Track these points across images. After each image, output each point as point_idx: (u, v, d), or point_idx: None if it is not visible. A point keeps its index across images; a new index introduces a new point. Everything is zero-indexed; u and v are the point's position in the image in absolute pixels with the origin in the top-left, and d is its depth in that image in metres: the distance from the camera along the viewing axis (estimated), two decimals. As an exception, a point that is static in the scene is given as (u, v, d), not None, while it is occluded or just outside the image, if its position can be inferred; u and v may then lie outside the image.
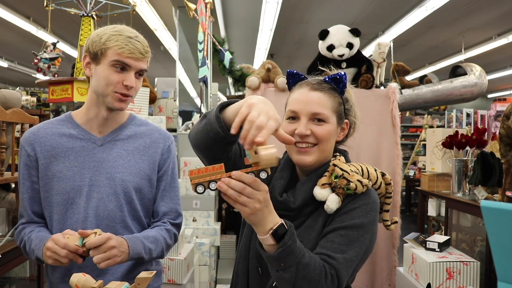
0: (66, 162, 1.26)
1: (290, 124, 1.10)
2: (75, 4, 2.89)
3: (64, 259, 1.10)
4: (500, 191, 2.48)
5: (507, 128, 2.30)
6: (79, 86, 2.53)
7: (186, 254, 2.58)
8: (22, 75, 11.65)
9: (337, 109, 1.12)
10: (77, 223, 1.24)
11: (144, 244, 1.23)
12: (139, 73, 1.26)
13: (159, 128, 1.43)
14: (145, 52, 1.24)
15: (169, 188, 1.38)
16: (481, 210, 0.69)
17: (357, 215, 1.04)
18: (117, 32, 1.22)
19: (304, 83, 1.13)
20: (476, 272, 2.22)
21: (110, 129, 1.32)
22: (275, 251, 0.92)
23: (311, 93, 1.09)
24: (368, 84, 2.70)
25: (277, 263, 0.93)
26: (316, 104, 1.08)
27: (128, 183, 1.28)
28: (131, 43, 1.21)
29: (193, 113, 7.65)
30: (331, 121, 1.10)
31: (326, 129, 1.09)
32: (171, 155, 1.40)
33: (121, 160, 1.30)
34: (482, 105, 12.83)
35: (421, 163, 6.67)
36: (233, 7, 6.60)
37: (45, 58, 2.94)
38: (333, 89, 1.12)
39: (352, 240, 1.01)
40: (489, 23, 7.15)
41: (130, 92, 1.24)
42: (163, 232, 1.33)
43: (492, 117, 4.23)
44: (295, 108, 1.09)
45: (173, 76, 3.89)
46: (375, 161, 2.65)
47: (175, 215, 1.39)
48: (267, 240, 0.92)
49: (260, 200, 0.87)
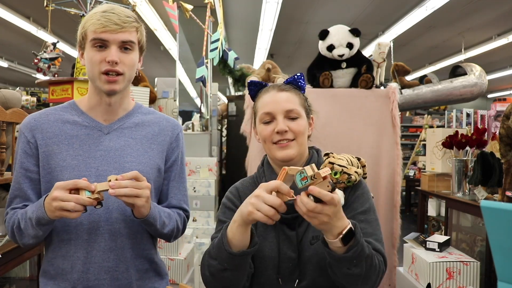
0: (70, 151, 1.18)
1: (267, 126, 1.17)
2: (75, 4, 2.88)
3: (75, 213, 1.02)
4: (500, 191, 2.48)
5: (507, 128, 2.30)
6: (79, 86, 2.53)
7: (186, 254, 2.58)
8: (22, 75, 11.65)
9: (304, 104, 1.21)
10: (83, 216, 1.12)
11: (160, 214, 1.19)
12: (125, 47, 1.15)
13: (167, 116, 1.35)
14: (122, 22, 1.13)
15: (179, 179, 1.33)
16: (481, 210, 0.69)
17: (364, 200, 1.17)
18: (93, 12, 1.16)
19: (269, 87, 1.21)
20: (476, 272, 2.22)
21: (116, 117, 1.24)
22: (349, 250, 0.96)
23: (280, 93, 1.17)
24: (368, 84, 2.70)
25: (350, 262, 0.97)
26: (287, 102, 1.16)
27: None
28: (104, 16, 1.12)
29: (193, 113, 7.65)
30: (303, 117, 1.18)
31: (301, 124, 1.17)
32: (180, 144, 1.33)
33: (130, 149, 1.22)
34: (482, 105, 12.83)
35: (421, 163, 6.67)
36: (233, 7, 6.60)
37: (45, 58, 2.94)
38: (296, 88, 1.21)
39: (371, 221, 1.13)
40: (489, 23, 7.15)
41: (117, 68, 1.14)
42: (175, 214, 1.28)
43: (492, 117, 4.23)
44: (269, 109, 1.16)
45: (173, 76, 3.88)
46: (375, 161, 2.65)
47: (184, 209, 1.34)
48: (336, 243, 0.96)
49: (329, 214, 0.91)
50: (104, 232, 1.17)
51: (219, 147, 4.92)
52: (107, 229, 1.17)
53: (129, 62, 1.17)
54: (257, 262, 1.16)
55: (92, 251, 1.17)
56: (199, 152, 3.66)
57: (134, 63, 1.19)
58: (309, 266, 1.12)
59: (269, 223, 0.94)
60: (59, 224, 1.18)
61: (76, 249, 1.17)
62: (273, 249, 1.15)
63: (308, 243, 1.13)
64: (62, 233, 1.18)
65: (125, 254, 1.20)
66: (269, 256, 1.14)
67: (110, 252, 1.18)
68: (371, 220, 1.14)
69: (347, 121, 2.63)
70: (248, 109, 2.78)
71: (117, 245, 1.18)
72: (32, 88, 6.95)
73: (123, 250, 1.19)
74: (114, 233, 1.18)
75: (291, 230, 1.15)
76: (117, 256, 1.19)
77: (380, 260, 1.06)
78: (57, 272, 1.19)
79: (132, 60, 1.18)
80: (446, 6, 6.03)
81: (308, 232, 1.14)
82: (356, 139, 2.63)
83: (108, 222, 1.17)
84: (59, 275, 1.18)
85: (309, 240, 1.14)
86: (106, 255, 1.17)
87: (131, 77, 1.22)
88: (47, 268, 1.21)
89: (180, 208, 1.32)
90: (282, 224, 1.15)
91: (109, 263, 1.17)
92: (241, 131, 2.79)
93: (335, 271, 1.01)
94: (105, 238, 1.17)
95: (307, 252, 1.13)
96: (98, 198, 1.04)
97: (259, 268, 1.15)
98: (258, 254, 1.15)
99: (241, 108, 3.08)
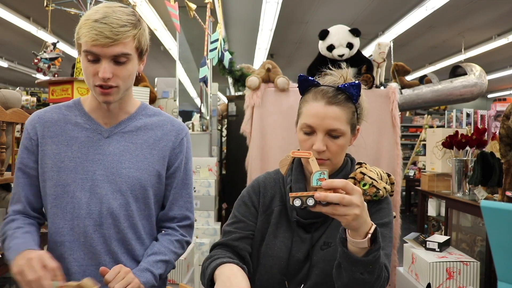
0: (69, 152, 1.16)
1: (307, 138, 1.11)
2: (75, 4, 2.88)
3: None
4: (500, 191, 2.48)
5: (507, 128, 2.29)
6: (79, 86, 2.53)
7: (186, 254, 2.58)
8: (22, 75, 11.64)
9: (351, 120, 1.13)
10: (78, 219, 1.15)
11: (154, 274, 1.16)
12: (118, 60, 1.08)
13: (173, 119, 1.31)
14: (114, 34, 1.04)
15: (182, 185, 1.28)
16: (481, 210, 0.69)
17: (385, 215, 1.14)
18: (86, 17, 1.07)
19: (319, 93, 1.11)
20: (476, 272, 2.22)
21: (116, 121, 1.22)
22: (369, 254, 0.92)
23: (327, 107, 1.08)
24: (368, 84, 2.70)
25: (366, 266, 0.93)
26: (332, 119, 1.08)
27: (135, 179, 1.18)
28: (94, 28, 1.03)
29: (193, 113, 7.65)
30: (346, 134, 1.11)
31: (340, 144, 1.10)
32: (184, 150, 1.28)
33: (128, 154, 1.19)
34: (482, 105, 12.83)
35: (421, 163, 6.66)
36: (233, 7, 6.60)
37: (45, 58, 2.94)
38: (348, 98, 1.12)
39: (385, 236, 1.09)
40: (489, 23, 7.15)
41: (110, 83, 1.09)
42: (172, 245, 1.24)
43: (492, 117, 4.22)
44: (311, 123, 1.09)
45: (173, 76, 3.89)
46: (375, 161, 2.65)
47: (187, 217, 1.30)
48: (363, 243, 0.91)
49: (358, 204, 0.86)
50: (97, 237, 1.17)
51: (219, 147, 4.92)
52: (100, 233, 1.17)
53: (123, 74, 1.11)
54: (264, 259, 1.15)
55: (88, 254, 1.17)
56: (199, 152, 3.66)
57: (130, 73, 1.13)
58: (315, 270, 1.11)
59: None
60: (53, 227, 1.18)
61: (72, 251, 1.17)
62: (283, 249, 1.14)
63: (318, 248, 1.12)
64: (56, 235, 1.18)
65: (119, 258, 1.20)
66: (278, 255, 1.13)
67: (106, 256, 1.18)
68: (385, 235, 1.10)
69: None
70: (248, 109, 2.78)
71: (110, 249, 1.18)
72: (32, 88, 6.94)
73: (117, 254, 1.20)
74: (107, 238, 1.18)
75: (307, 233, 1.14)
76: (112, 259, 1.19)
77: (385, 276, 1.04)
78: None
79: (128, 71, 1.12)
80: (446, 6, 6.03)
81: (322, 238, 1.13)
82: (356, 139, 2.62)
83: (101, 227, 1.17)
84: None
85: (320, 245, 1.13)
86: (102, 258, 1.17)
87: (129, 86, 1.18)
88: None
89: (183, 218, 1.30)
90: (298, 227, 1.15)
91: (106, 265, 1.18)
92: (241, 131, 2.79)
93: (346, 274, 0.97)
94: (100, 242, 1.17)
95: (316, 256, 1.12)
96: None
97: (265, 266, 1.15)
98: (268, 251, 1.15)
99: (241, 108, 3.08)
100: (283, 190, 1.20)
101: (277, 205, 1.19)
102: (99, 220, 1.17)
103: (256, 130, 2.71)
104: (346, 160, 1.21)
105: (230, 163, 4.70)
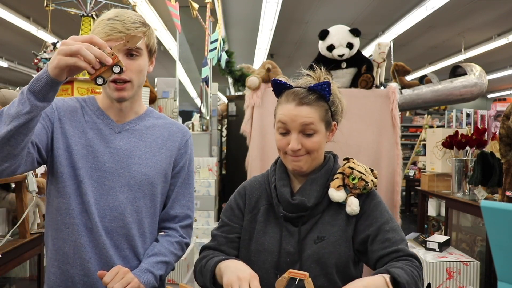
0: (82, 139, 1.19)
1: (282, 138, 1.17)
2: (75, 4, 2.89)
3: (83, 63, 0.99)
4: (500, 191, 2.48)
5: (507, 128, 2.30)
6: (79, 86, 2.53)
7: (186, 254, 2.58)
8: (22, 75, 11.64)
9: (325, 117, 1.17)
10: (87, 205, 1.16)
11: (155, 274, 1.19)
12: (130, 53, 1.15)
13: (176, 122, 1.36)
14: (126, 29, 1.13)
15: (185, 185, 1.33)
16: (481, 210, 0.69)
17: (383, 209, 1.19)
18: (100, 19, 1.16)
19: (291, 95, 1.16)
20: (476, 272, 2.22)
21: (127, 119, 1.26)
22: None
23: (299, 108, 1.14)
24: (368, 84, 2.70)
25: None
26: (304, 118, 1.13)
27: (143, 175, 1.22)
28: (108, 24, 1.13)
29: (193, 113, 7.65)
30: (320, 131, 1.16)
31: (315, 141, 1.15)
32: (188, 151, 1.34)
33: (138, 151, 1.23)
34: (482, 105, 12.83)
35: (421, 163, 6.67)
36: (233, 7, 6.60)
37: (45, 58, 2.94)
38: (320, 97, 1.16)
39: (396, 228, 1.16)
40: (489, 23, 7.16)
41: (123, 76, 1.15)
42: (173, 247, 1.27)
43: (492, 117, 4.22)
44: (285, 122, 1.15)
45: (173, 76, 3.89)
46: (375, 161, 2.65)
47: (188, 216, 1.34)
48: None
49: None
50: (102, 228, 1.17)
51: (219, 147, 4.92)
52: (104, 226, 1.18)
53: (136, 68, 1.17)
54: (256, 256, 1.18)
55: (93, 242, 1.17)
56: (199, 152, 3.66)
57: (141, 68, 1.19)
58: (310, 264, 1.13)
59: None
60: (63, 206, 1.17)
61: (80, 236, 1.17)
62: (273, 243, 1.17)
63: (311, 242, 1.15)
64: (66, 216, 1.18)
65: (124, 252, 1.21)
66: (269, 249, 1.16)
67: (110, 248, 1.19)
68: (395, 227, 1.16)
69: (347, 121, 2.63)
70: (248, 109, 2.78)
71: (114, 243, 1.19)
72: (32, 88, 6.94)
73: (122, 249, 1.21)
74: (111, 231, 1.19)
75: (294, 227, 1.18)
76: (117, 252, 1.20)
77: (417, 265, 1.08)
78: (60, 256, 1.19)
79: (140, 66, 1.18)
80: (446, 6, 6.04)
81: (313, 231, 1.16)
82: (356, 139, 2.63)
83: (105, 220, 1.18)
84: (62, 260, 1.19)
85: (313, 239, 1.15)
86: (106, 251, 1.18)
87: (141, 83, 1.23)
88: (50, 255, 1.22)
89: (184, 217, 1.32)
90: (286, 222, 1.18)
91: (108, 259, 1.18)
92: (241, 131, 2.79)
93: None
94: (102, 234, 1.17)
95: (309, 250, 1.14)
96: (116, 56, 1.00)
97: (257, 262, 1.17)
98: (258, 247, 1.18)
99: (241, 108, 3.08)
100: (268, 190, 1.24)
101: (263, 204, 1.23)
102: (103, 212, 1.18)
103: (256, 130, 2.71)
104: (328, 157, 1.25)
105: (230, 163, 4.70)
